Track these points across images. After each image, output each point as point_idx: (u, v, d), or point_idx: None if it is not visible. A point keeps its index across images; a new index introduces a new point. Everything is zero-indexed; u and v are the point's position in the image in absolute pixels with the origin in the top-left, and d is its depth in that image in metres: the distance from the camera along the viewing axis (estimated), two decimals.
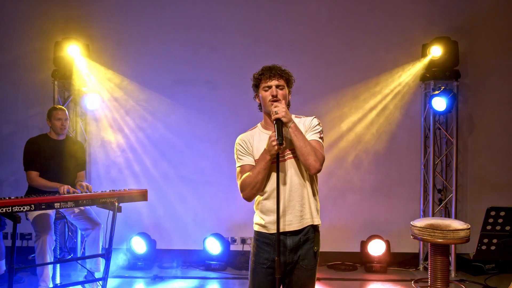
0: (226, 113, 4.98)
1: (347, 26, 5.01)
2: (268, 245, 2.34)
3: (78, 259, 4.34)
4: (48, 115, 4.02)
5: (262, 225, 2.35)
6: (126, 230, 4.89)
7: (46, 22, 4.98)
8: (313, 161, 2.22)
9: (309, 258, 2.33)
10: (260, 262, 2.35)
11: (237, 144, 2.42)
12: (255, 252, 2.38)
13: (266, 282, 2.34)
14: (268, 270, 2.33)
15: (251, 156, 2.37)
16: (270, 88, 2.32)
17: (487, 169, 4.98)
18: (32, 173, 3.89)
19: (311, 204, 2.33)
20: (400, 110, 4.98)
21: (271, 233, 2.32)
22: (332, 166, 4.95)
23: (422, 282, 4.30)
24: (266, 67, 2.37)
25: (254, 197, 2.36)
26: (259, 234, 2.38)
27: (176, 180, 5.07)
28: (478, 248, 2.92)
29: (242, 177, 2.33)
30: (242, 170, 2.36)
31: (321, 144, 2.34)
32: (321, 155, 2.27)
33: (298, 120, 2.38)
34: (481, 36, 4.95)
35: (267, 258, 2.33)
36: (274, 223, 2.27)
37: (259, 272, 2.35)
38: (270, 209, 2.32)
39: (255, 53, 4.92)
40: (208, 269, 4.79)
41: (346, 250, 5.04)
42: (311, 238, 2.34)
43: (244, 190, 2.32)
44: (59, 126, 3.98)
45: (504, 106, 4.97)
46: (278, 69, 2.35)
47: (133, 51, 5.05)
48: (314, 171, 2.26)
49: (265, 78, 2.33)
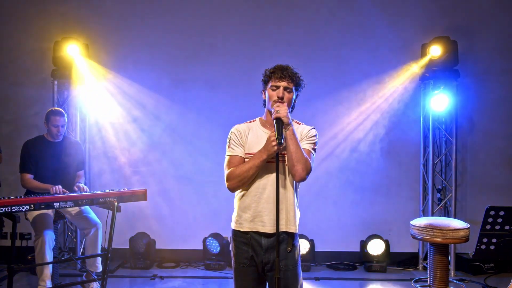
0: (226, 113, 4.97)
1: (346, 26, 5.01)
2: (245, 244, 2.34)
3: (78, 259, 4.34)
4: (46, 118, 3.99)
5: (237, 221, 2.36)
6: (126, 230, 4.88)
7: (45, 22, 4.98)
8: (300, 169, 2.21)
9: (287, 259, 2.32)
10: (240, 262, 2.35)
11: (231, 133, 2.40)
12: (235, 252, 2.39)
13: (249, 281, 2.34)
14: (249, 268, 2.33)
15: (242, 148, 2.35)
16: (278, 88, 2.30)
17: (486, 168, 4.98)
18: (26, 176, 3.88)
19: (290, 212, 2.31)
20: (399, 109, 4.97)
21: (245, 232, 2.33)
22: (331, 166, 4.95)
23: (421, 282, 4.30)
24: (279, 66, 2.35)
25: (238, 189, 2.35)
26: (235, 233, 2.38)
27: (176, 179, 5.07)
28: (478, 247, 2.93)
29: (231, 167, 2.32)
30: (231, 160, 2.35)
31: (312, 155, 2.34)
32: (310, 166, 2.25)
33: (297, 126, 2.38)
34: (481, 36, 4.95)
35: (246, 257, 2.34)
36: (249, 221, 2.30)
37: (242, 272, 2.36)
38: (247, 206, 2.32)
39: (255, 53, 4.92)
40: (208, 269, 4.79)
41: (345, 250, 5.04)
42: (285, 239, 2.32)
43: (231, 181, 2.30)
44: (55, 132, 3.97)
45: (503, 106, 4.97)
46: (290, 72, 2.32)
47: (132, 51, 5.05)
48: (298, 179, 2.25)
49: (276, 77, 2.31)
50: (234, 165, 2.32)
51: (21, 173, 3.90)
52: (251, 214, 2.30)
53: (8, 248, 3.35)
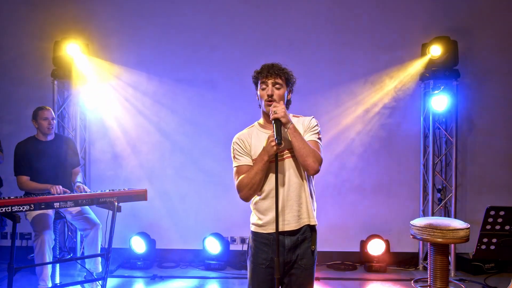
0: (227, 113, 4.97)
1: (346, 26, 5.01)
2: (266, 245, 2.33)
3: (78, 259, 4.34)
4: (34, 115, 3.96)
5: (260, 225, 2.34)
6: (126, 230, 4.88)
7: (45, 22, 4.98)
8: (312, 162, 2.21)
9: (307, 257, 2.33)
10: (258, 263, 2.34)
11: (234, 143, 2.39)
12: (253, 252, 2.37)
13: (266, 282, 2.33)
14: (267, 270, 2.32)
15: (248, 156, 2.34)
16: (268, 86, 2.29)
17: (486, 168, 4.98)
18: (22, 178, 3.87)
19: (308, 204, 2.32)
20: (399, 109, 4.98)
21: (269, 233, 2.31)
22: (331, 165, 4.94)
23: (421, 282, 4.30)
24: (265, 65, 2.33)
25: (252, 197, 2.34)
26: (256, 235, 2.37)
27: (176, 179, 5.07)
28: (478, 247, 2.92)
29: (239, 177, 2.31)
30: (239, 170, 2.34)
31: (319, 145, 2.33)
32: (320, 156, 2.25)
33: (296, 119, 2.36)
34: (481, 36, 4.95)
35: (265, 258, 2.32)
36: (272, 223, 2.27)
37: (259, 273, 2.35)
38: (268, 209, 2.30)
39: (255, 52, 4.91)
40: (208, 269, 4.79)
41: (345, 250, 5.04)
42: (308, 237, 2.33)
43: (242, 191, 2.29)
44: (46, 126, 3.93)
45: (503, 106, 4.97)
46: (276, 68, 2.30)
47: (132, 51, 5.05)
48: (312, 172, 2.25)
49: (262, 76, 2.30)
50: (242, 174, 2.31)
51: (17, 175, 3.89)
52: (273, 215, 2.25)
53: (8, 248, 3.35)
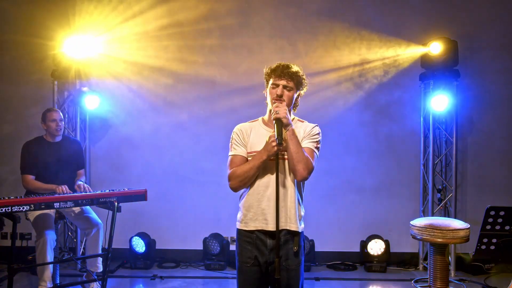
0: (227, 113, 4.96)
1: (346, 26, 5.00)
2: (249, 244, 2.34)
3: (78, 259, 4.35)
4: (43, 117, 4.00)
5: (242, 221, 2.35)
6: (126, 230, 4.88)
7: (45, 22, 4.96)
8: (301, 169, 2.21)
9: (291, 258, 2.32)
10: (244, 261, 2.35)
11: (234, 132, 2.42)
12: (239, 251, 2.38)
13: (252, 280, 2.34)
14: (253, 268, 2.33)
15: (244, 147, 2.36)
16: (278, 86, 2.30)
17: (486, 168, 4.98)
18: (28, 177, 3.88)
19: (290, 209, 2.30)
20: (399, 109, 4.98)
21: (250, 231, 2.32)
22: (331, 166, 4.94)
23: (421, 282, 4.30)
24: (280, 64, 2.34)
25: (240, 189, 2.36)
26: (240, 232, 2.38)
27: (176, 180, 5.07)
28: (478, 247, 2.92)
29: (233, 167, 2.33)
30: (233, 160, 2.36)
31: (314, 154, 2.33)
32: (311, 165, 2.25)
33: (300, 124, 2.38)
34: (481, 36, 4.95)
35: (249, 257, 2.33)
36: (253, 220, 2.30)
37: (245, 272, 2.35)
38: (251, 205, 2.32)
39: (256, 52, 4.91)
40: (208, 269, 4.79)
41: (345, 250, 5.04)
42: (290, 239, 2.33)
43: (232, 181, 2.31)
44: (55, 127, 3.96)
45: (503, 106, 4.97)
46: (290, 70, 2.31)
47: (133, 51, 5.03)
48: (300, 179, 2.26)
49: (275, 75, 2.32)
50: (236, 164, 2.33)
51: (23, 174, 3.90)
52: (255, 212, 2.30)
53: (8, 248, 3.35)
